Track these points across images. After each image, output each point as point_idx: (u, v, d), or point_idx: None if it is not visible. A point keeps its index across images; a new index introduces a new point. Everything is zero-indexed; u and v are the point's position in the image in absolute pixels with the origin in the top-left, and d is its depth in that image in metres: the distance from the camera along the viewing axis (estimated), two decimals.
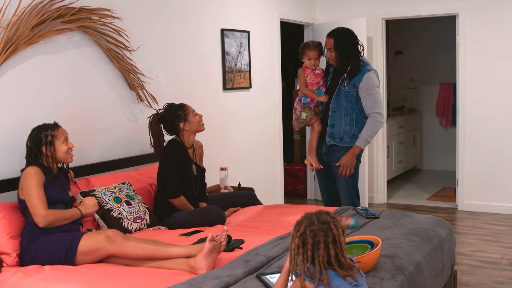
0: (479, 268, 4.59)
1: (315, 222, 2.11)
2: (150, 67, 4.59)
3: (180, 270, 2.90)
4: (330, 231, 2.09)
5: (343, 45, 4.26)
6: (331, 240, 2.08)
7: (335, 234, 2.09)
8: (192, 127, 4.05)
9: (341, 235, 2.11)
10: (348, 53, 4.27)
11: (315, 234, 2.08)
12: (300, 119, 4.45)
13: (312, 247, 2.07)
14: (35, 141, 3.29)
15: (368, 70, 4.26)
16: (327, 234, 2.09)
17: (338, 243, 2.09)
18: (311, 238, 2.08)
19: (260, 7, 6.12)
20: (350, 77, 4.25)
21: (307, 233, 2.09)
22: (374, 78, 4.25)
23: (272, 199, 6.25)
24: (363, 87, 4.22)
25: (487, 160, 6.50)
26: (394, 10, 6.88)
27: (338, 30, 4.37)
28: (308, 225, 2.11)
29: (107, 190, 3.74)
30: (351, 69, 4.26)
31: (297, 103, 4.45)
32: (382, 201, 7.13)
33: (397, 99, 9.56)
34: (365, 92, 4.21)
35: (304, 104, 4.42)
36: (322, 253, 2.07)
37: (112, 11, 4.16)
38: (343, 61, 4.29)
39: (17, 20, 3.49)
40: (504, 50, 6.29)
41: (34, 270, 2.98)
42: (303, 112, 4.43)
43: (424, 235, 3.30)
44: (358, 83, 4.23)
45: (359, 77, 4.24)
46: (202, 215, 3.87)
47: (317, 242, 2.08)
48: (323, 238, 2.08)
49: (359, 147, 4.22)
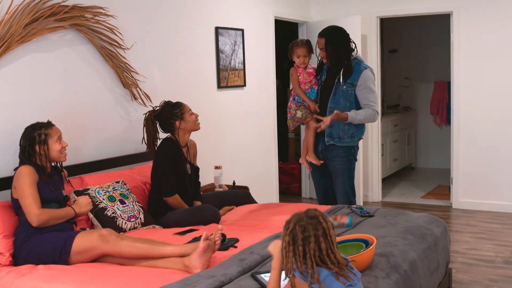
0: (473, 266, 4.60)
1: (304, 218, 2.13)
2: (144, 65, 4.57)
3: (175, 269, 2.89)
4: (320, 224, 2.11)
5: (334, 44, 4.26)
6: (321, 234, 2.10)
7: (324, 228, 2.11)
8: (188, 126, 4.04)
9: (330, 229, 2.13)
10: (339, 52, 4.27)
11: (304, 229, 2.10)
12: (295, 117, 4.45)
13: (302, 242, 2.09)
14: (28, 140, 3.27)
15: (364, 68, 4.28)
16: (317, 228, 2.10)
17: (328, 237, 2.11)
18: (301, 233, 2.10)
19: (254, 5, 6.11)
20: (345, 77, 4.25)
21: (297, 229, 2.11)
22: (371, 76, 4.28)
23: (266, 197, 6.24)
24: (361, 84, 4.24)
25: (481, 158, 6.51)
26: (389, 8, 6.88)
27: (329, 29, 4.36)
28: (297, 221, 2.13)
29: (101, 189, 3.73)
30: (344, 69, 4.26)
31: (291, 101, 4.45)
32: (376, 199, 7.14)
33: (392, 97, 9.56)
34: (363, 89, 4.24)
35: (299, 102, 4.41)
36: (313, 246, 2.08)
37: (105, 9, 4.14)
38: (333, 61, 4.30)
39: (9, 18, 3.47)
40: (498, 49, 6.29)
41: (27, 269, 2.97)
42: (298, 111, 4.42)
43: (418, 233, 3.31)
44: (356, 81, 4.24)
45: (356, 75, 4.25)
46: (196, 214, 3.86)
47: (307, 236, 2.09)
48: (313, 232, 2.10)
49: (347, 117, 4.18)
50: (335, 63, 4.30)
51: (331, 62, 4.31)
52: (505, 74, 6.29)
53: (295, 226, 2.12)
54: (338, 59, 4.28)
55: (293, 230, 2.12)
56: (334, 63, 4.30)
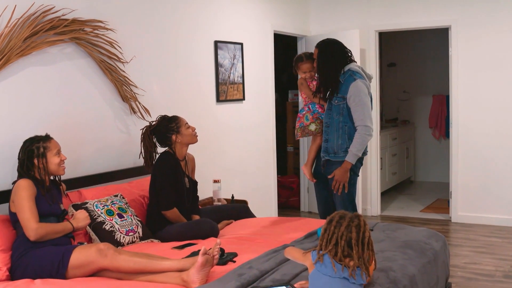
0: (473, 281, 4.58)
1: (347, 212, 2.45)
2: (143, 79, 4.58)
3: (173, 284, 2.87)
4: (358, 220, 2.39)
5: (325, 58, 4.17)
6: (355, 225, 2.37)
7: (360, 225, 2.38)
8: (185, 140, 4.04)
9: (366, 231, 2.38)
10: (329, 66, 4.16)
11: (343, 217, 2.42)
12: (307, 129, 4.36)
13: (336, 223, 2.40)
14: (27, 153, 3.26)
15: (354, 80, 4.11)
16: (353, 221, 2.39)
17: (361, 233, 2.37)
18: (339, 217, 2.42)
19: (253, 19, 6.13)
20: (333, 91, 4.17)
21: (337, 216, 2.44)
22: (361, 87, 4.10)
23: (265, 211, 6.22)
24: (350, 97, 4.09)
25: (480, 172, 6.50)
26: (387, 22, 6.91)
27: (323, 42, 4.27)
28: (339, 212, 2.47)
29: (100, 203, 3.71)
30: (333, 84, 4.16)
31: (307, 111, 4.36)
32: (375, 213, 7.12)
33: (390, 110, 9.58)
34: (353, 102, 4.09)
35: (315, 113, 4.33)
36: (343, 230, 2.36)
37: (105, 22, 4.16)
38: (322, 76, 4.19)
39: (9, 31, 3.47)
40: (497, 62, 6.32)
41: (24, 284, 2.94)
42: (313, 124, 4.33)
43: (418, 248, 3.29)
44: (346, 94, 4.11)
45: (345, 88, 4.11)
46: (195, 228, 3.85)
47: (342, 221, 2.39)
48: (348, 221, 2.39)
49: (350, 162, 4.16)
50: (324, 78, 4.19)
51: (321, 76, 4.20)
52: (504, 87, 6.31)
53: (337, 214, 2.45)
54: (328, 75, 4.17)
55: (334, 216, 2.44)
56: (324, 79, 4.19)
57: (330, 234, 2.39)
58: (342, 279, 2.33)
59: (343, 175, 4.15)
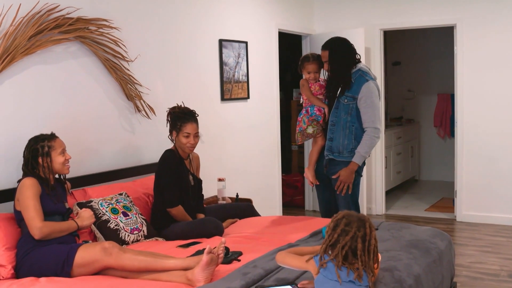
0: (478, 280, 4.57)
1: (354, 215, 2.34)
2: (148, 77, 4.58)
3: (177, 283, 2.87)
4: (364, 228, 2.29)
5: (338, 55, 4.16)
6: (361, 235, 2.27)
7: (367, 233, 2.29)
8: (178, 145, 4.02)
9: (373, 238, 2.29)
10: (341, 64, 4.16)
11: (349, 224, 2.30)
12: (305, 132, 4.33)
13: (341, 231, 2.29)
14: (31, 152, 3.27)
15: (366, 80, 4.11)
16: (359, 229, 2.28)
17: (366, 242, 2.28)
18: (344, 225, 2.30)
19: (258, 18, 6.12)
20: (343, 89, 4.16)
21: (343, 220, 2.32)
22: (373, 88, 4.11)
23: (270, 210, 6.22)
24: (361, 98, 4.08)
25: (485, 171, 6.48)
26: (392, 21, 6.89)
27: (332, 40, 4.26)
28: (347, 215, 2.35)
29: (104, 201, 3.72)
30: (344, 82, 4.15)
31: (304, 115, 4.33)
32: (380, 212, 7.11)
33: (395, 109, 9.56)
34: (364, 103, 4.08)
35: (312, 116, 4.30)
36: (348, 240, 2.27)
37: (109, 21, 4.16)
38: (334, 73, 4.18)
39: (14, 30, 3.48)
40: (502, 61, 6.29)
41: (29, 282, 2.95)
42: (310, 127, 4.31)
43: (423, 247, 3.28)
44: (357, 94, 4.09)
45: (357, 88, 4.10)
46: (199, 227, 3.85)
47: (348, 231, 2.28)
48: (355, 230, 2.28)
49: (356, 163, 4.15)
50: (336, 75, 4.19)
51: (333, 73, 4.20)
52: (509, 86, 6.28)
53: (343, 217, 2.34)
54: (340, 71, 4.16)
55: (340, 220, 2.34)
56: (335, 75, 4.19)
57: (333, 241, 2.32)
58: (348, 283, 2.30)
59: (349, 176, 4.13)
